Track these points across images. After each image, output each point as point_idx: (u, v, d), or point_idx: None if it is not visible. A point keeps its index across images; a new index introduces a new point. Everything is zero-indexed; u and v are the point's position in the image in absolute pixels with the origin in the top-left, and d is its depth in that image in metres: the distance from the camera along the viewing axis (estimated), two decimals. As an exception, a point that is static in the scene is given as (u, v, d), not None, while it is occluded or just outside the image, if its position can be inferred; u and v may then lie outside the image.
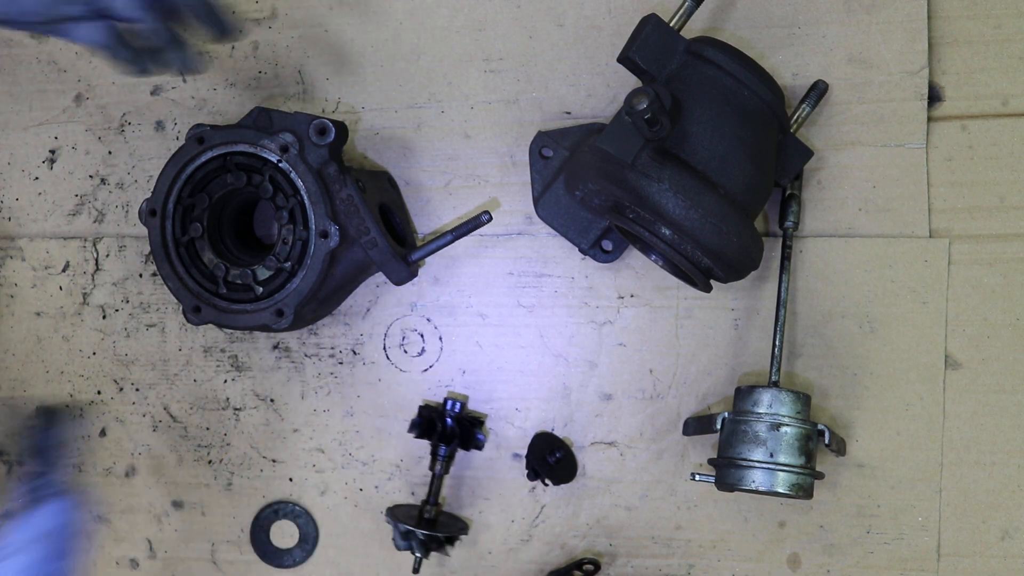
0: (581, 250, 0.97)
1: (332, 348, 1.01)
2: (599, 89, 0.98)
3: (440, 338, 1.00)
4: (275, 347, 1.02)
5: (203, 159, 0.91)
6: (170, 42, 0.82)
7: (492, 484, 0.99)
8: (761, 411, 0.88)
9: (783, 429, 0.86)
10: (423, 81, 1.00)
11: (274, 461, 1.01)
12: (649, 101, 0.77)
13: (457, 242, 0.94)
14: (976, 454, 0.95)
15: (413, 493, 1.00)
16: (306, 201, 0.89)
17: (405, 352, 1.00)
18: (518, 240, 0.99)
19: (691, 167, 0.83)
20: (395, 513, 0.96)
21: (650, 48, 0.86)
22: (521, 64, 0.99)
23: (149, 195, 0.93)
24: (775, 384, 0.90)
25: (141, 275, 1.03)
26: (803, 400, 0.88)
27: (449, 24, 0.99)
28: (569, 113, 0.98)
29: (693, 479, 0.92)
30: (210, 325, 0.97)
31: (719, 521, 0.97)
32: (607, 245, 0.97)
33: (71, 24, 0.81)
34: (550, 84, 0.98)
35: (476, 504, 0.99)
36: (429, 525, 0.95)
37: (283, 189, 0.90)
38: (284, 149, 0.90)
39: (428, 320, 1.00)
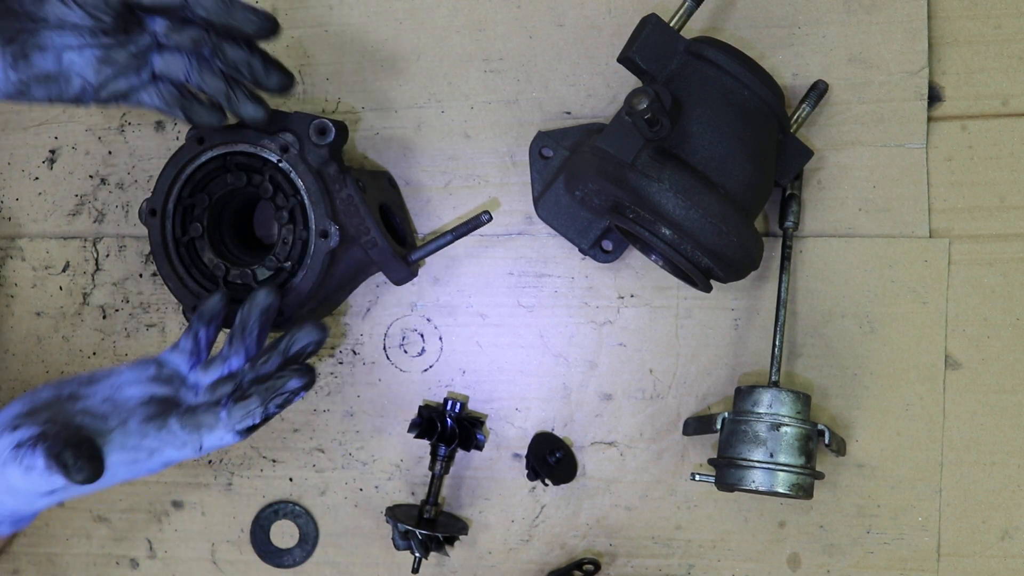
0: (581, 250, 0.97)
1: (332, 348, 1.01)
2: (599, 89, 0.98)
3: (440, 338, 1.00)
4: (275, 347, 1.01)
5: (203, 159, 0.91)
6: (236, 98, 0.86)
7: (492, 484, 0.99)
8: (761, 411, 0.88)
9: (783, 429, 0.86)
10: (423, 81, 1.00)
11: (274, 461, 1.01)
12: (649, 101, 0.77)
13: (457, 242, 0.94)
14: (976, 454, 0.95)
15: (413, 493, 1.00)
16: (306, 201, 0.89)
17: (405, 352, 1.00)
18: (518, 240, 0.99)
19: (691, 167, 0.83)
20: (395, 513, 0.96)
21: (650, 48, 0.86)
22: (521, 64, 0.99)
23: (149, 195, 0.93)
24: (775, 384, 0.90)
25: (141, 275, 1.03)
26: (803, 400, 0.88)
27: (449, 24, 0.99)
28: (569, 113, 0.98)
29: (693, 479, 0.92)
30: (210, 325, 0.96)
31: (719, 521, 0.97)
32: (607, 245, 0.97)
33: (134, 94, 0.85)
34: (550, 84, 0.98)
35: (476, 504, 0.99)
36: (429, 525, 0.95)
37: (283, 189, 0.90)
38: (284, 149, 0.89)
39: (428, 320, 1.00)
